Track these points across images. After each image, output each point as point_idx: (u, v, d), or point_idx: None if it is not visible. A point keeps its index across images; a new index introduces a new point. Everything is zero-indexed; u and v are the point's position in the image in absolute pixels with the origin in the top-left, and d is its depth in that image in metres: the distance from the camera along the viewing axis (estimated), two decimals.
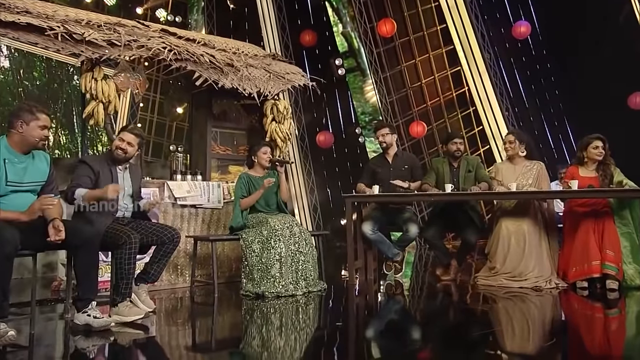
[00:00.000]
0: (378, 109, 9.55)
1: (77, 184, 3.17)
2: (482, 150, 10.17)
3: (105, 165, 3.31)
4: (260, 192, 4.26)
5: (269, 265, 3.95)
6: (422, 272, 5.82)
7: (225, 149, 5.31)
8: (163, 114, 10.58)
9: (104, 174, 3.27)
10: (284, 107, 5.32)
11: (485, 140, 9.88)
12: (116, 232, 3.14)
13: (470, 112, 10.32)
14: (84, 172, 3.22)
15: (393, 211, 4.78)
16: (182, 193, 4.51)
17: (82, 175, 3.21)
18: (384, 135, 4.80)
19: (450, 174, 4.71)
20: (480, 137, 10.19)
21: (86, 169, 3.23)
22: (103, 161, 3.34)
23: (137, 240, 3.17)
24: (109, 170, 3.30)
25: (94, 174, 3.24)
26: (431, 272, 5.59)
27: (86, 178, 3.21)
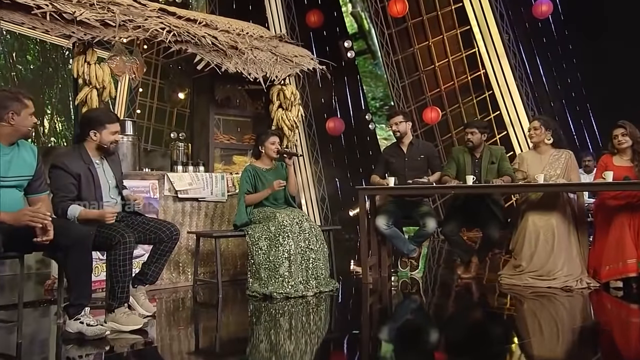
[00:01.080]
0: (389, 94, 9.36)
1: (64, 197, 2.97)
2: (498, 137, 10.10)
3: (82, 164, 3.09)
4: (268, 192, 4.13)
5: (277, 264, 3.83)
6: (437, 267, 5.68)
7: (229, 137, 5.17)
8: (163, 99, 10.41)
9: (84, 177, 3.07)
10: (292, 93, 5.15)
11: (502, 126, 9.75)
12: (108, 231, 2.97)
13: (486, 96, 10.20)
14: (64, 180, 3.00)
15: (409, 204, 4.65)
16: (183, 185, 4.37)
17: (64, 184, 2.99)
18: (398, 123, 4.66)
19: (472, 164, 4.56)
20: (496, 123, 10.06)
21: (65, 176, 3.01)
22: (78, 159, 3.11)
23: (133, 240, 2.99)
24: (87, 169, 3.10)
25: (74, 179, 3.03)
26: (448, 267, 5.52)
27: (70, 186, 3.00)
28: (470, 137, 4.52)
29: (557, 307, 3.58)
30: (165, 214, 4.31)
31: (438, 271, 5.40)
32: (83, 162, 3.07)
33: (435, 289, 4.51)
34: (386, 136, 9.79)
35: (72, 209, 2.92)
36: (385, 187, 4.48)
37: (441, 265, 5.82)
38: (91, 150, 3.12)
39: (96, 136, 3.11)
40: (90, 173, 3.07)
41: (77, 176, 3.01)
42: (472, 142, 4.50)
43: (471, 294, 4.15)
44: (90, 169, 3.08)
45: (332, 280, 4.12)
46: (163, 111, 11.19)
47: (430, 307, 3.88)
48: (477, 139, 4.52)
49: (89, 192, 3.05)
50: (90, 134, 3.11)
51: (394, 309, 3.84)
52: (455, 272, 4.73)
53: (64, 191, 2.97)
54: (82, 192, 3.03)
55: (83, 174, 3.03)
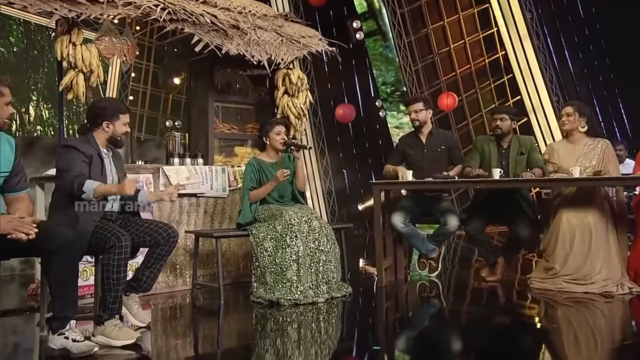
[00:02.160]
0: (402, 78, 9.26)
1: (80, 173, 2.86)
2: (517, 125, 9.85)
3: (92, 149, 3.02)
4: (272, 186, 4.00)
5: (285, 267, 3.69)
6: (455, 267, 5.55)
7: (230, 127, 5.03)
8: (158, 85, 10.28)
9: (95, 161, 2.99)
10: (298, 78, 4.99)
11: (522, 113, 9.60)
12: (103, 232, 2.80)
13: (504, 81, 10.10)
14: (78, 157, 2.92)
15: (428, 200, 4.50)
16: (180, 180, 4.23)
17: (77, 162, 2.90)
18: (418, 111, 4.49)
19: (498, 155, 4.39)
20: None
21: (78, 155, 2.92)
22: (88, 144, 3.04)
23: (129, 243, 2.83)
24: (98, 155, 3.02)
25: (87, 159, 2.95)
26: (468, 268, 5.39)
27: (84, 165, 2.92)
28: (499, 123, 4.35)
29: (596, 315, 3.47)
30: (160, 212, 4.19)
31: (458, 272, 5.26)
32: (93, 147, 3.03)
33: (457, 293, 4.38)
34: (397, 124, 9.73)
35: (89, 183, 2.82)
36: (403, 181, 4.32)
37: (458, 266, 5.69)
38: (100, 141, 3.08)
39: (109, 127, 3.08)
40: (100, 159, 3.02)
41: (89, 157, 2.95)
42: (500, 130, 4.34)
43: (498, 300, 4.02)
44: (100, 155, 3.03)
45: (345, 284, 3.99)
46: (157, 97, 11.10)
47: (451, 314, 3.76)
48: (506, 126, 4.36)
49: (96, 178, 2.96)
50: (102, 125, 3.07)
51: (412, 316, 3.74)
52: (479, 274, 4.60)
53: (78, 167, 2.88)
54: (92, 175, 2.94)
55: (94, 159, 2.98)
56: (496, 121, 4.38)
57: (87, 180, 2.82)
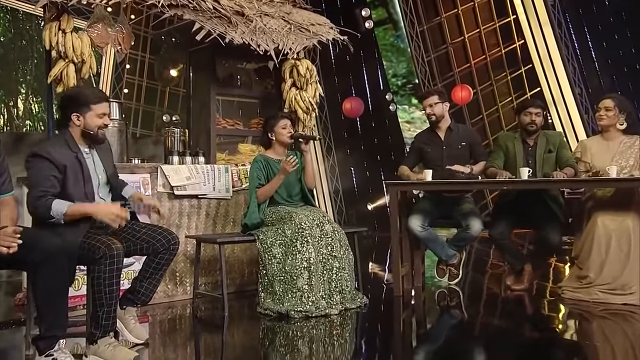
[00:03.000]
0: (414, 70, 9.14)
1: (45, 191, 2.62)
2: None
3: (68, 152, 2.77)
4: (281, 179, 3.86)
5: (295, 275, 3.58)
6: (475, 273, 5.42)
7: (234, 122, 4.89)
8: (154, 77, 10.19)
9: (71, 169, 2.73)
10: (307, 69, 4.85)
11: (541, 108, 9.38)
12: (91, 242, 2.63)
13: (522, 72, 9.96)
14: (46, 172, 2.66)
15: (447, 201, 4.39)
16: (180, 180, 4.12)
17: (45, 176, 2.65)
18: (433, 105, 4.38)
19: (524, 153, 4.25)
20: None
21: (47, 167, 2.66)
22: (63, 147, 2.78)
23: (122, 252, 2.66)
24: (74, 159, 2.78)
25: (59, 171, 2.69)
26: (491, 273, 5.28)
27: (52, 180, 2.66)
28: (534, 119, 4.21)
29: (636, 329, 3.34)
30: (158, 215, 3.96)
31: (480, 280, 5.14)
32: (70, 150, 2.77)
33: (480, 303, 4.25)
34: (409, 119, 9.63)
35: (57, 204, 2.59)
36: (421, 182, 4.20)
37: (480, 272, 5.56)
38: (77, 138, 2.83)
39: (79, 120, 2.81)
40: (79, 163, 2.78)
41: (62, 168, 2.69)
42: (536, 126, 4.21)
43: (525, 311, 3.90)
44: (79, 158, 2.79)
45: (359, 294, 3.88)
46: (154, 91, 10.99)
47: (474, 326, 3.64)
48: (540, 121, 4.23)
49: (77, 188, 2.75)
50: (72, 118, 2.80)
51: (432, 329, 3.62)
52: (504, 281, 4.48)
53: (45, 185, 2.64)
54: (68, 188, 2.71)
55: (70, 166, 2.73)
56: (531, 116, 4.23)
57: (54, 202, 2.59)
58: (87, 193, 2.79)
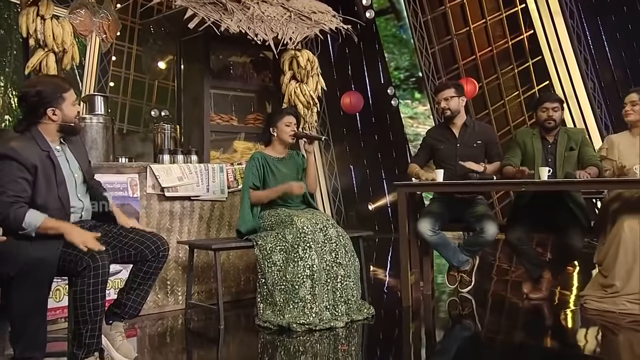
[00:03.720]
0: (417, 62, 9.07)
1: (17, 198, 2.44)
2: None
3: (38, 151, 2.59)
4: (280, 191, 3.80)
5: (297, 284, 3.46)
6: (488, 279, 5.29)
7: (229, 117, 4.79)
8: (142, 70, 10.00)
9: (42, 169, 2.55)
10: (308, 60, 4.76)
11: None
12: (73, 251, 2.46)
13: (529, 65, 9.99)
14: (16, 174, 2.47)
15: (460, 203, 4.30)
16: (171, 181, 3.98)
17: (14, 180, 2.46)
18: (449, 99, 4.30)
19: (544, 152, 4.14)
20: None
21: (16, 168, 2.47)
22: (32, 145, 2.60)
23: (108, 263, 2.49)
24: (45, 158, 2.60)
25: (29, 173, 2.50)
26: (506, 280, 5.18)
27: (23, 183, 2.48)
28: (552, 114, 4.09)
29: None
30: (148, 218, 3.93)
31: (494, 287, 5.02)
32: (39, 148, 2.58)
33: (494, 313, 4.16)
34: (412, 114, 9.53)
35: (31, 215, 2.42)
36: (432, 183, 4.09)
37: (493, 278, 5.43)
38: (49, 135, 2.67)
39: (56, 114, 2.65)
40: (51, 163, 2.59)
41: (32, 169, 2.50)
42: (554, 122, 4.10)
43: (544, 322, 3.77)
44: (51, 157, 2.61)
45: (365, 304, 3.78)
46: (141, 84, 10.81)
47: (490, 339, 3.52)
48: (559, 117, 4.12)
49: (49, 193, 2.56)
50: (47, 114, 2.64)
51: (443, 342, 3.51)
52: (520, 289, 4.36)
53: (14, 189, 2.45)
54: (39, 191, 2.53)
55: (41, 166, 2.53)
56: (548, 111, 4.10)
57: (28, 213, 2.41)
58: (62, 198, 2.63)
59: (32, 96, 2.61)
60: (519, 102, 10.14)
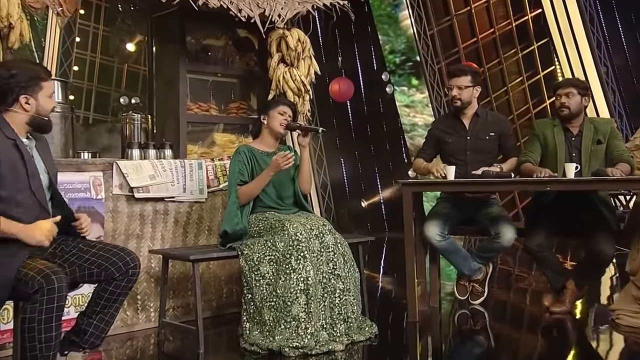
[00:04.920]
0: (415, 45, 8.93)
1: None
2: (548, 102, 9.84)
3: (4, 139, 2.42)
4: (269, 176, 3.62)
5: (289, 300, 3.27)
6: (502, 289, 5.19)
7: (208, 106, 4.67)
8: (109, 52, 9.77)
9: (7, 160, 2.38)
10: (298, 41, 4.60)
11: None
12: (24, 270, 2.25)
13: (534, 48, 9.96)
14: None
15: (471, 205, 4.14)
16: (142, 180, 3.78)
17: None
18: (462, 88, 4.10)
19: (567, 145, 3.98)
20: (547, 83, 9.81)
21: None
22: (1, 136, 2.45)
23: (65, 285, 2.28)
24: (13, 149, 2.43)
25: None
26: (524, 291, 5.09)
27: None
28: (565, 101, 3.92)
29: None
30: (114, 223, 3.71)
31: (509, 299, 4.90)
32: (5, 136, 2.43)
33: (511, 329, 4.06)
34: (408, 102, 9.38)
35: None
36: (441, 181, 3.89)
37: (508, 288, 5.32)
38: (18, 127, 2.52)
39: (30, 103, 2.51)
40: (18, 152, 2.44)
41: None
42: (568, 110, 3.93)
43: (568, 340, 3.66)
44: (18, 145, 2.45)
45: (367, 321, 3.59)
46: (109, 68, 10.48)
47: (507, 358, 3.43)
48: (575, 103, 3.93)
49: (16, 184, 2.41)
50: (20, 101, 2.49)
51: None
52: (540, 301, 4.25)
53: None
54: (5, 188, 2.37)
55: (5, 157, 2.38)
56: (561, 98, 3.95)
57: None
58: (36, 191, 2.49)
59: (4, 78, 2.45)
60: (523, 89, 10.08)
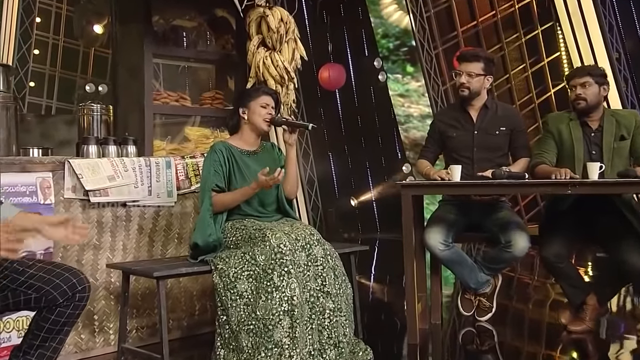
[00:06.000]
0: (410, 28, 8.69)
1: None
2: (552, 91, 9.77)
3: None
4: (253, 191, 3.44)
5: (271, 323, 3.08)
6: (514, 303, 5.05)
7: (179, 96, 4.57)
8: (74, 35, 9.37)
9: None
10: (281, 21, 4.49)
11: (559, 77, 9.18)
12: None
13: (538, 33, 9.82)
14: None
15: (478, 208, 3.99)
16: (99, 181, 3.56)
17: None
18: (472, 75, 3.93)
19: (585, 142, 3.80)
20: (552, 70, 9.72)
21: None
22: None
23: None
24: None
25: None
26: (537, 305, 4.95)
27: None
28: (580, 92, 3.74)
29: None
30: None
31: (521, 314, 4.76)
32: None
33: (525, 351, 3.86)
34: (403, 92, 9.18)
35: None
36: (445, 183, 3.72)
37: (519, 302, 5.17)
38: None
39: None
40: None
41: None
42: (584, 102, 3.75)
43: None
44: None
45: (360, 344, 3.39)
46: (74, 52, 10.11)
47: None
48: (592, 94, 3.74)
49: None
50: None
51: None
52: (557, 318, 4.24)
53: None
54: None
55: None
56: (576, 89, 3.77)
57: None
58: None
59: None
60: (526, 77, 9.94)
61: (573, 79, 3.81)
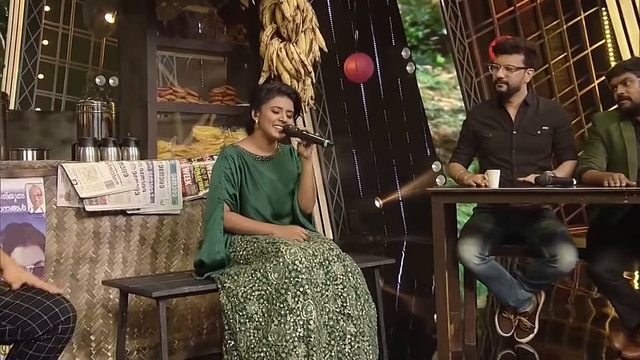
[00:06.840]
0: (442, 16, 8.62)
1: None
2: (596, 82, 9.67)
3: None
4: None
5: (284, 350, 2.97)
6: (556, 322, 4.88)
7: (186, 92, 4.49)
8: (84, 24, 9.58)
9: None
10: (297, 9, 4.34)
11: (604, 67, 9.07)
12: None
13: (581, 19, 9.75)
14: None
15: (518, 218, 3.84)
16: (95, 188, 3.45)
17: None
18: (512, 69, 3.77)
19: (638, 143, 3.65)
20: (595, 59, 9.67)
21: None
22: None
23: None
24: None
25: None
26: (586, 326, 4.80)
27: None
28: (622, 91, 3.61)
29: None
30: (59, 244, 3.39)
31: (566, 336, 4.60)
32: None
33: None
34: (432, 84, 9.12)
35: None
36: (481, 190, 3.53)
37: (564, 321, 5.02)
38: None
39: None
40: None
41: None
42: (629, 101, 3.61)
43: None
44: None
45: None
46: (85, 42, 10.52)
47: None
48: (637, 91, 3.60)
49: None
50: None
51: None
52: (609, 342, 4.04)
53: None
54: None
55: None
56: (617, 88, 3.65)
57: None
58: None
59: None
60: (567, 67, 9.84)
61: (612, 77, 3.70)
